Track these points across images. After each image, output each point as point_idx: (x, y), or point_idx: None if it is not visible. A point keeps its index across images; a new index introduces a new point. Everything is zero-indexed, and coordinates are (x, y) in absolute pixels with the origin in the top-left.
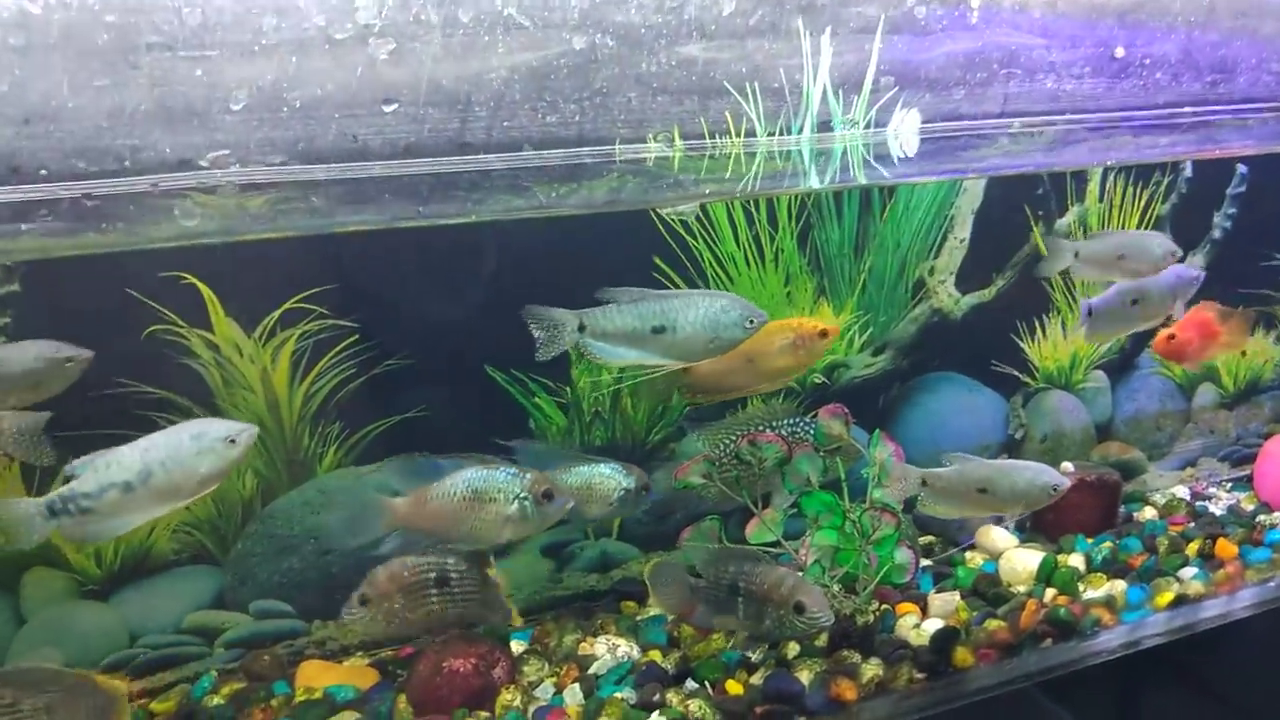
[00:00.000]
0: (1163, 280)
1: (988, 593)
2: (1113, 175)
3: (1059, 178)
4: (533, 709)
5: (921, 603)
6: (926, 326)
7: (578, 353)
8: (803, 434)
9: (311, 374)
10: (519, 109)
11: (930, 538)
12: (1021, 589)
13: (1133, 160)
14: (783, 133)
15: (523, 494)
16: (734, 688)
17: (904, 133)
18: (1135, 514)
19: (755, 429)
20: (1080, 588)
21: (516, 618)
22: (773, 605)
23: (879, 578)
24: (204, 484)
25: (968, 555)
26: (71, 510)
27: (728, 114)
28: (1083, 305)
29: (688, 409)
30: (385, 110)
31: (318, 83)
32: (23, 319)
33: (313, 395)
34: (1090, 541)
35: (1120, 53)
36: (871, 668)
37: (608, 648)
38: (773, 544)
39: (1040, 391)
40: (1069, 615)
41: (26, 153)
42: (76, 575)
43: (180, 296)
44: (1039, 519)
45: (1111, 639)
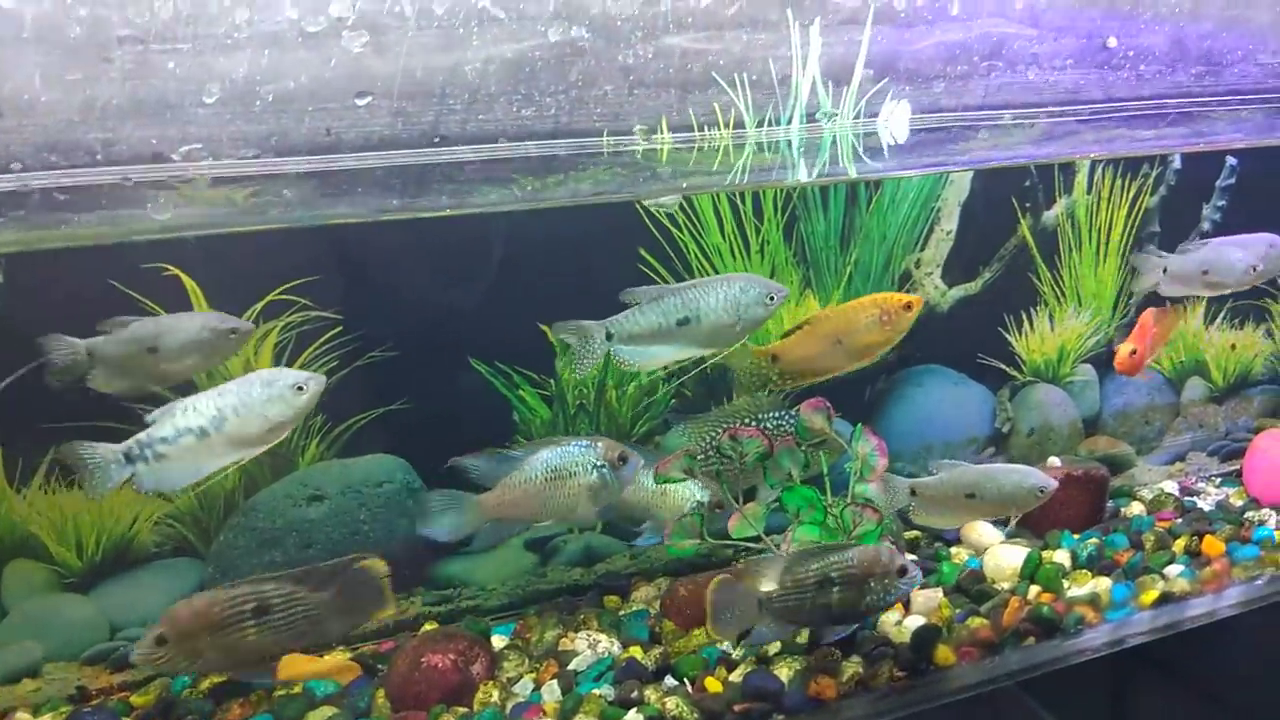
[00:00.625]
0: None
1: (971, 589)
2: (1101, 167)
3: (1046, 169)
4: (511, 705)
5: (904, 599)
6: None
7: (602, 358)
8: (787, 427)
9: (294, 366)
10: (495, 101)
11: (915, 533)
12: (1006, 586)
13: (1121, 153)
14: (772, 124)
15: (599, 463)
16: (713, 685)
17: (894, 122)
18: (1123, 509)
19: (740, 422)
20: (1065, 584)
21: (390, 608)
22: (874, 577)
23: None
24: (274, 431)
25: (953, 550)
26: (148, 456)
27: (715, 106)
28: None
29: (673, 401)
30: (359, 103)
31: (291, 76)
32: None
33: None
34: (1076, 537)
35: (1112, 43)
36: (852, 665)
37: (588, 643)
38: (753, 539)
39: (1027, 385)
40: (1052, 613)
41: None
42: (58, 568)
43: (163, 289)
44: (1025, 514)
45: (1095, 637)
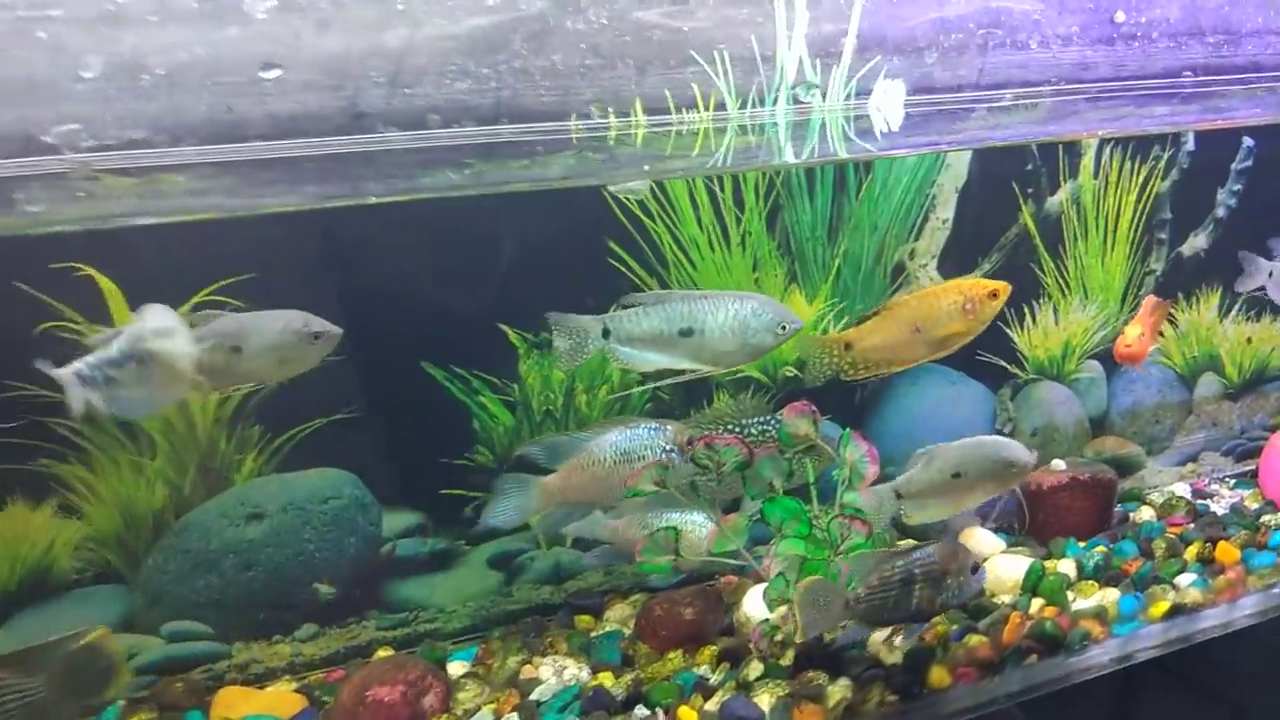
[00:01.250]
0: None
1: (968, 604)
2: (1109, 149)
3: (1050, 152)
4: None
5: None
6: None
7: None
8: (772, 433)
9: None
10: (425, 75)
11: (910, 542)
12: (1006, 599)
13: (1133, 131)
14: (755, 105)
15: (669, 447)
16: (687, 715)
17: (888, 104)
18: (1132, 514)
19: (722, 428)
20: (1070, 597)
21: (123, 680)
22: (951, 575)
23: (850, 589)
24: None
25: None
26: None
27: (695, 86)
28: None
29: (648, 405)
30: (265, 77)
31: (184, 47)
32: None
33: (228, 396)
34: (1083, 546)
35: (1120, 17)
36: (839, 689)
37: (554, 670)
38: (733, 554)
39: (1030, 383)
40: (1055, 629)
41: None
42: None
43: (78, 289)
44: (1030, 522)
45: (1101, 654)
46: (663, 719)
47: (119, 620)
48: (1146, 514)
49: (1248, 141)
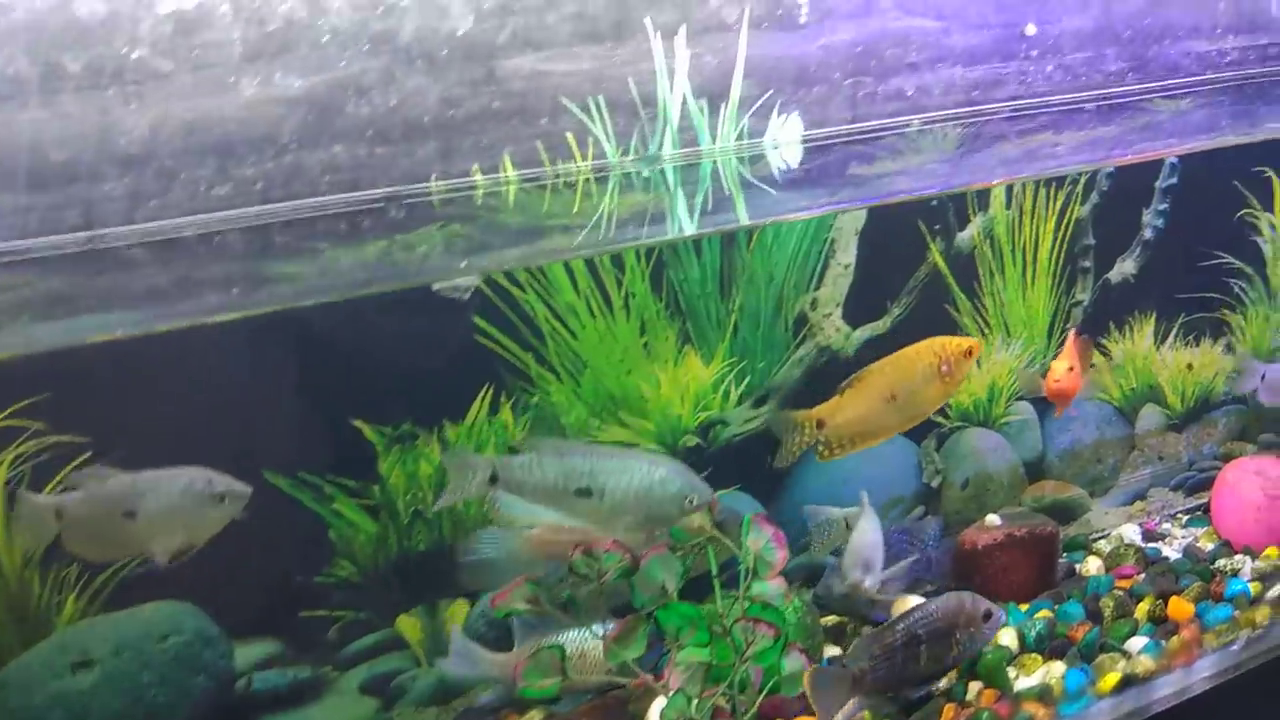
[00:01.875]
0: None
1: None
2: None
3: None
4: None
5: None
6: (814, 368)
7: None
8: None
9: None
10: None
11: (836, 617)
12: (940, 685)
13: (1039, 174)
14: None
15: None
16: None
17: (784, 142)
18: (1078, 566)
19: None
20: (1012, 675)
21: None
22: (960, 628)
23: (762, 694)
24: None
25: None
26: None
27: (570, 136)
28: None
29: None
30: None
31: None
32: None
33: None
34: (1025, 610)
35: (1031, 30)
36: None
37: None
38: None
39: (956, 431)
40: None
41: None
42: None
43: None
44: (964, 585)
45: None
46: None
47: None
48: (1094, 565)
49: (1172, 159)
